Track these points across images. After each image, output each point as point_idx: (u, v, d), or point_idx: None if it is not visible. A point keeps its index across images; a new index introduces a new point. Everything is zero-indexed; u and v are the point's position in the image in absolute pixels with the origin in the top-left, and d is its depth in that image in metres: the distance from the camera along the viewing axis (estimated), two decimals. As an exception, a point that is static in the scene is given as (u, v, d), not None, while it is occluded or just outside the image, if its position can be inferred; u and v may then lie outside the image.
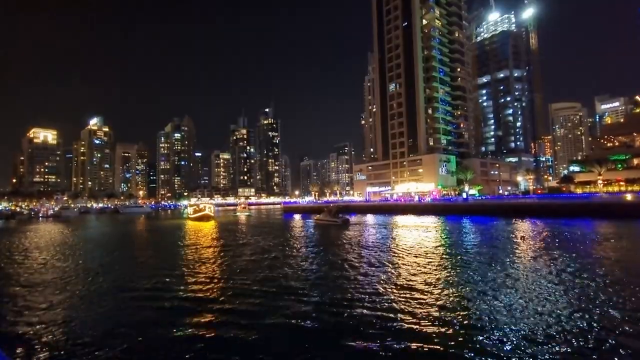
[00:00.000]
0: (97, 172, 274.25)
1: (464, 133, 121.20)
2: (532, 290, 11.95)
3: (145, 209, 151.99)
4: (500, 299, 11.06)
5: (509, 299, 11.04)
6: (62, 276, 16.79)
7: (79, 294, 13.50)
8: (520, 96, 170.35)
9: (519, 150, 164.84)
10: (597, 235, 26.39)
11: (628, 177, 75.37)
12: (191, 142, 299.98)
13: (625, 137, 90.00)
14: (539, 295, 11.32)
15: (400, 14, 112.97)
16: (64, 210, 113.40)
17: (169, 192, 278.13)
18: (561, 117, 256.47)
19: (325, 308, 10.74)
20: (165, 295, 12.82)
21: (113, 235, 40.48)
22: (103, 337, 9.00)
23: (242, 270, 17.02)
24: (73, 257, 22.75)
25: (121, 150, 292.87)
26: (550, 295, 11.23)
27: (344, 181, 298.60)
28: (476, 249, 21.50)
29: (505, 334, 8.37)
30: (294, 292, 12.72)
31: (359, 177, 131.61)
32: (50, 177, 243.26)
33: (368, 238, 28.71)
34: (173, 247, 27.37)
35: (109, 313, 11.05)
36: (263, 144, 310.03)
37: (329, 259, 19.31)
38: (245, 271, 16.82)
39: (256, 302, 11.63)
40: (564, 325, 8.78)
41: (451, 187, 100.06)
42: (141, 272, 17.43)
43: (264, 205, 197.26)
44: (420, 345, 7.96)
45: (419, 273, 15.02)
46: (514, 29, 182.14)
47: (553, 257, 17.59)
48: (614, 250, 19.92)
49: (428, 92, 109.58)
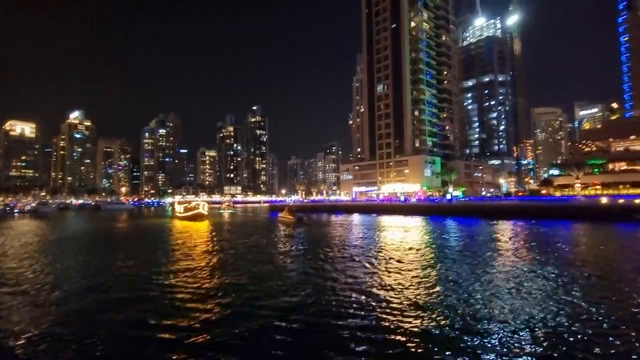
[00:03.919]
0: (77, 167, 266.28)
1: (449, 135, 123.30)
2: (511, 287, 12.27)
3: (127, 205, 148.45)
4: (479, 295, 11.31)
5: (488, 295, 11.30)
6: (32, 280, 16.21)
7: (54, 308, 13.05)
8: (504, 100, 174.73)
9: (501, 153, 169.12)
10: (573, 237, 27.31)
11: (604, 181, 78.25)
12: (176, 139, 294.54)
13: (602, 142, 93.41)
14: (518, 290, 11.64)
15: (389, 16, 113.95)
16: (41, 206, 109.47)
17: (152, 188, 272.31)
18: (542, 122, 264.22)
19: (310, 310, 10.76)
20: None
21: (94, 235, 39.36)
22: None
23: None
24: (48, 260, 22.00)
25: (103, 145, 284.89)
26: (527, 290, 11.58)
27: (331, 180, 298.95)
28: (458, 248, 21.92)
29: (486, 329, 8.57)
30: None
31: (345, 177, 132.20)
32: (27, 172, 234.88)
33: (352, 237, 28.88)
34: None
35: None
36: (250, 142, 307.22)
37: (317, 258, 19.31)
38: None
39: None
40: (538, 316, 9.08)
41: (436, 188, 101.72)
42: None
43: (250, 203, 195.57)
44: (398, 341, 8.08)
45: (400, 271, 15.20)
46: (499, 35, 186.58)
47: (531, 257, 18.10)
48: (588, 251, 20.71)
49: (415, 94, 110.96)
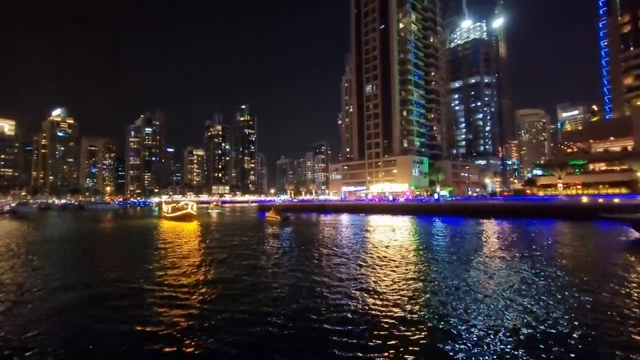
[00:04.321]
0: (59, 166, 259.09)
1: (437, 136, 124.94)
2: (493, 285, 12.57)
3: (112, 205, 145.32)
4: (465, 291, 11.55)
5: (475, 291, 11.55)
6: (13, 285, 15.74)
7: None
8: (489, 102, 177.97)
9: (487, 153, 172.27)
10: (555, 235, 28.08)
11: (585, 181, 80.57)
12: (163, 138, 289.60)
13: (583, 143, 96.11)
14: (502, 285, 11.93)
15: (378, 16, 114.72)
16: (21, 206, 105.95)
17: (138, 188, 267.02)
18: (526, 123, 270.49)
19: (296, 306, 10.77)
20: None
21: (77, 236, 38.39)
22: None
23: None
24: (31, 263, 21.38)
25: (87, 143, 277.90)
26: (511, 284, 11.88)
27: (320, 180, 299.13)
28: (444, 247, 22.28)
29: (474, 325, 8.76)
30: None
31: (334, 177, 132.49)
32: (6, 171, 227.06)
33: (340, 237, 29.00)
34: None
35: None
36: (239, 141, 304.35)
37: (305, 256, 19.33)
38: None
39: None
40: (523, 308, 9.36)
41: (424, 188, 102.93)
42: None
43: (239, 203, 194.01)
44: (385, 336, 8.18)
45: (384, 268, 15.37)
46: (485, 37, 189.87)
47: (516, 254, 18.55)
48: (568, 248, 21.36)
49: (403, 95, 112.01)
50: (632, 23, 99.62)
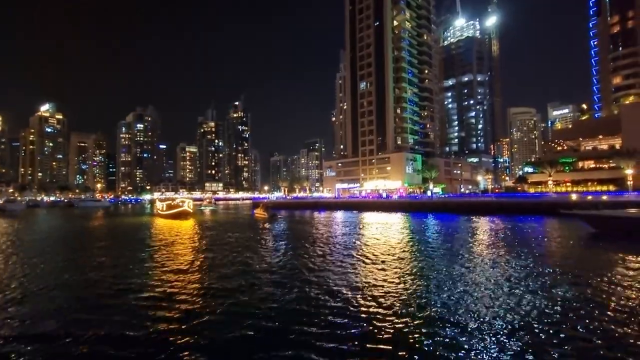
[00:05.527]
0: (48, 162, 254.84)
1: (430, 133, 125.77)
2: (488, 278, 12.74)
3: (103, 203, 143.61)
4: (457, 287, 11.68)
5: (466, 286, 11.69)
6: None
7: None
8: (482, 100, 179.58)
9: (479, 151, 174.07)
10: (545, 231, 28.57)
11: (574, 179, 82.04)
12: (155, 134, 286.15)
13: (573, 141, 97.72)
14: (494, 280, 12.11)
15: (373, 13, 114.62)
16: (8, 203, 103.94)
17: (129, 185, 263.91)
18: (518, 121, 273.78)
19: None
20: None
21: (67, 235, 37.81)
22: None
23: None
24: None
25: (77, 139, 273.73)
26: (501, 280, 12.06)
27: (314, 177, 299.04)
28: (437, 244, 22.48)
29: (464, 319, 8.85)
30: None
31: (328, 174, 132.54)
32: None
33: (333, 235, 29.07)
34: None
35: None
36: (232, 138, 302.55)
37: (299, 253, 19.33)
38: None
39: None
40: (513, 302, 9.51)
41: (417, 185, 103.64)
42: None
43: (232, 200, 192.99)
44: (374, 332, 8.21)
45: (383, 264, 15.46)
46: (479, 36, 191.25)
47: (507, 250, 18.83)
48: (557, 244, 21.80)
49: (397, 92, 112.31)
50: (621, 24, 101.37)
